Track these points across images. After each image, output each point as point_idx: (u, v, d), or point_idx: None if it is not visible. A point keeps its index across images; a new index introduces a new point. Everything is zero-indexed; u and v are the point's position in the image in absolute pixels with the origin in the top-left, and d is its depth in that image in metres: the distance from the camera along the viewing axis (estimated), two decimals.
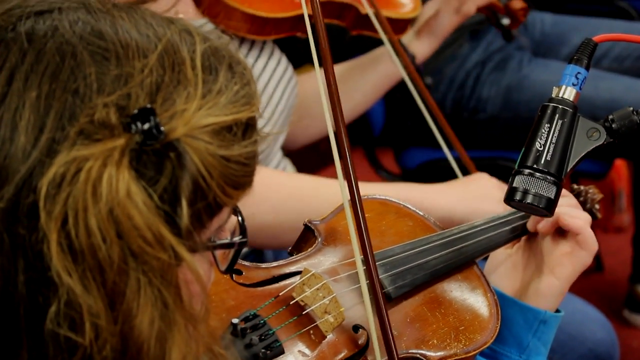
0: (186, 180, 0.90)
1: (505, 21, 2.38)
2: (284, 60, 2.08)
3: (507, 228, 1.58)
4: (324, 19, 2.08)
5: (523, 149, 1.35)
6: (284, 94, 2.04)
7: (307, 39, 1.52)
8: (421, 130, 2.97)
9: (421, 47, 2.29)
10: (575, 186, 1.71)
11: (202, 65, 0.95)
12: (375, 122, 2.99)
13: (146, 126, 0.88)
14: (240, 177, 0.96)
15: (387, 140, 3.09)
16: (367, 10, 2.08)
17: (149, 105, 0.89)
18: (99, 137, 0.88)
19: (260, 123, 1.77)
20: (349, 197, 1.36)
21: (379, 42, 2.16)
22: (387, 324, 1.31)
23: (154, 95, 0.91)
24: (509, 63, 2.91)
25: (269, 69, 2.02)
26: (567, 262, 1.51)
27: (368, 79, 2.25)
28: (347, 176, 1.35)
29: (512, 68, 2.90)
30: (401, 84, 2.88)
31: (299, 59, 2.20)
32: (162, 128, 0.89)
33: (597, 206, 1.71)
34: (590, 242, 1.52)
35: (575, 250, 1.51)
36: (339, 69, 2.25)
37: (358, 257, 1.37)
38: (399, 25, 2.22)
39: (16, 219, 0.88)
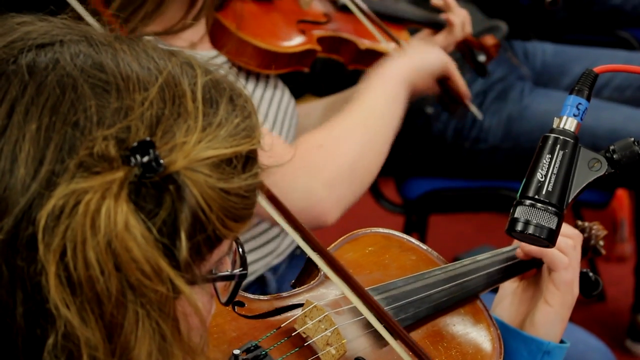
0: (185, 213, 0.89)
1: (482, 57, 2.41)
2: (287, 92, 2.09)
3: (508, 264, 1.58)
4: (326, 54, 2.13)
5: (524, 179, 1.35)
6: (291, 126, 2.06)
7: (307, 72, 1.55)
8: (422, 160, 2.98)
9: None
10: (580, 222, 1.71)
11: (203, 98, 0.95)
12: None
13: (145, 159, 0.88)
14: (240, 209, 0.95)
15: (389, 170, 3.09)
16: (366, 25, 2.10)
17: (148, 138, 0.89)
18: (98, 170, 0.88)
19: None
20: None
21: None
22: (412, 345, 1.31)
23: (154, 128, 0.91)
24: (510, 93, 2.92)
25: (275, 101, 2.04)
26: (552, 287, 1.51)
27: None
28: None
29: (514, 98, 2.91)
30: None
31: (299, 90, 2.21)
32: (161, 161, 0.88)
33: (601, 242, 1.72)
34: (557, 261, 1.51)
35: (552, 274, 1.51)
36: (326, 101, 2.28)
37: (349, 293, 1.36)
38: None
39: (15, 251, 0.88)
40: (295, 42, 2.00)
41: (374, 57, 2.21)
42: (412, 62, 2.06)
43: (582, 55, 3.20)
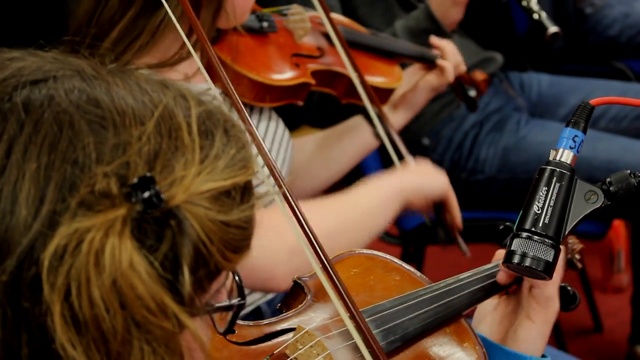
0: (187, 247, 0.89)
1: (472, 92, 2.42)
2: (281, 124, 2.10)
3: (491, 281, 1.58)
4: (320, 88, 2.14)
5: (521, 211, 1.35)
6: (285, 157, 2.07)
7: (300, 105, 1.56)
8: None
9: (397, 119, 2.34)
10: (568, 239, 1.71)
11: (199, 130, 0.95)
12: None
13: (146, 195, 0.88)
14: (239, 241, 0.95)
15: None
16: (352, 75, 2.10)
17: (148, 174, 0.89)
18: (100, 208, 0.87)
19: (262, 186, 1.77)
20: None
21: None
22: None
23: (152, 163, 0.91)
24: (506, 124, 2.92)
25: (270, 133, 2.04)
26: (534, 303, 1.50)
27: (344, 147, 2.29)
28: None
29: (510, 129, 2.91)
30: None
31: (296, 122, 2.23)
32: (162, 196, 0.88)
33: (577, 256, 1.71)
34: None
35: (532, 290, 1.50)
36: (319, 135, 2.29)
37: (345, 315, 1.37)
38: (383, 95, 2.28)
39: (19, 292, 0.87)
40: (289, 75, 2.01)
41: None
42: (416, 180, 2.09)
43: (578, 86, 3.21)
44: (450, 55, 2.32)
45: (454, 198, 2.21)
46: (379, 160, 2.95)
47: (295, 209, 1.37)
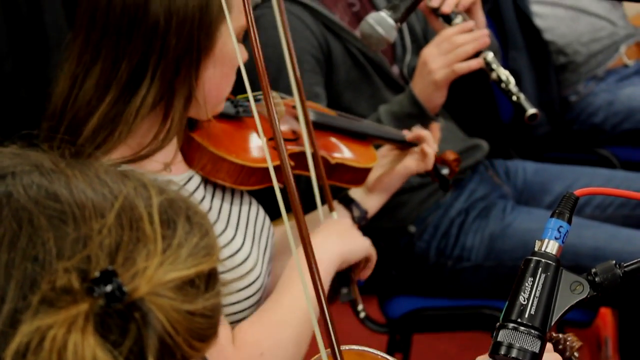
0: (152, 339, 0.88)
1: (445, 171, 2.43)
2: (262, 210, 2.10)
3: None
4: (298, 171, 2.14)
5: (507, 302, 1.35)
6: (267, 244, 2.06)
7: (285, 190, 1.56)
8: (405, 279, 2.98)
9: (373, 202, 2.34)
10: (554, 334, 1.71)
11: (160, 219, 0.94)
12: None
13: (108, 288, 0.87)
14: (206, 329, 0.94)
15: (372, 288, 3.08)
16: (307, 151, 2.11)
17: (110, 267, 0.88)
18: (61, 304, 0.86)
19: (252, 266, 1.76)
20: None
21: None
22: None
23: (114, 256, 0.90)
24: (492, 211, 2.93)
25: (251, 219, 2.04)
26: None
27: None
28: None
29: (496, 216, 2.92)
30: (385, 235, 2.89)
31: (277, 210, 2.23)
32: (124, 289, 0.87)
33: (576, 354, 1.71)
34: None
35: None
36: (292, 224, 2.28)
37: None
38: (358, 176, 2.28)
39: None
40: (268, 157, 2.01)
41: (345, 171, 2.24)
42: (343, 250, 2.06)
43: (563, 173, 3.22)
44: (431, 142, 2.33)
45: (374, 255, 2.20)
46: None
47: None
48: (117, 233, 0.91)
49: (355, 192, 2.34)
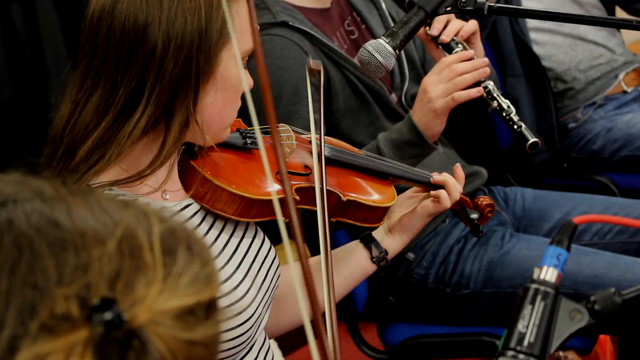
0: None
1: (474, 215, 2.40)
2: (267, 242, 2.08)
3: None
4: (305, 206, 2.12)
5: (506, 330, 1.35)
6: (268, 273, 2.04)
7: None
8: (404, 306, 2.97)
9: (394, 243, 2.30)
10: (555, 353, 1.70)
11: (161, 247, 0.94)
12: (358, 298, 2.98)
13: (108, 316, 0.86)
14: (205, 358, 0.94)
15: (370, 315, 3.07)
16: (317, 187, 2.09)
17: (109, 295, 0.88)
18: (60, 331, 0.86)
19: (247, 305, 1.75)
20: None
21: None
22: None
23: (114, 283, 0.90)
24: (491, 238, 2.93)
25: (253, 249, 2.03)
26: None
27: (341, 271, 2.25)
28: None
29: (494, 243, 2.91)
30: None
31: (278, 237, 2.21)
32: (124, 317, 0.87)
33: None
34: None
35: None
36: (312, 261, 2.26)
37: None
38: (377, 214, 2.24)
39: None
40: (271, 189, 2.00)
41: (358, 208, 2.20)
42: None
43: (561, 200, 3.22)
44: (451, 187, 2.28)
45: None
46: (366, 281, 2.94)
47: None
48: (117, 261, 0.91)
49: (377, 232, 2.31)
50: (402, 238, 2.30)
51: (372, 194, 2.25)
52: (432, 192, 2.28)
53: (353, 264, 2.26)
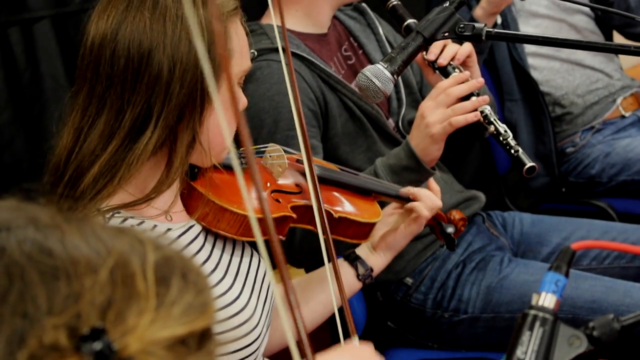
0: None
1: (450, 229, 2.43)
2: (263, 263, 2.09)
3: None
4: (298, 224, 2.13)
5: (505, 356, 1.34)
6: (267, 298, 2.05)
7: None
8: (402, 331, 2.96)
9: (379, 260, 2.34)
10: None
11: (154, 276, 0.93)
12: (357, 323, 2.96)
13: (97, 346, 0.85)
14: None
15: (369, 340, 3.06)
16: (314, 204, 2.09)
17: (99, 324, 0.87)
18: None
19: (247, 323, 1.73)
20: None
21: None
22: None
23: (105, 313, 0.89)
24: (489, 263, 2.92)
25: (252, 268, 2.04)
26: None
27: (327, 290, 2.26)
28: None
29: (493, 268, 2.91)
30: (382, 287, 2.89)
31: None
32: (114, 347, 0.86)
33: None
34: None
35: None
36: (297, 281, 2.28)
37: None
38: (365, 230, 2.28)
39: None
40: (271, 207, 2.01)
41: (348, 225, 2.23)
42: None
43: (559, 225, 3.22)
44: (424, 198, 2.32)
45: None
46: (365, 306, 2.94)
47: None
48: (109, 290, 0.90)
49: (361, 250, 2.34)
50: (386, 256, 2.35)
51: (360, 211, 2.28)
52: (407, 205, 2.32)
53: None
